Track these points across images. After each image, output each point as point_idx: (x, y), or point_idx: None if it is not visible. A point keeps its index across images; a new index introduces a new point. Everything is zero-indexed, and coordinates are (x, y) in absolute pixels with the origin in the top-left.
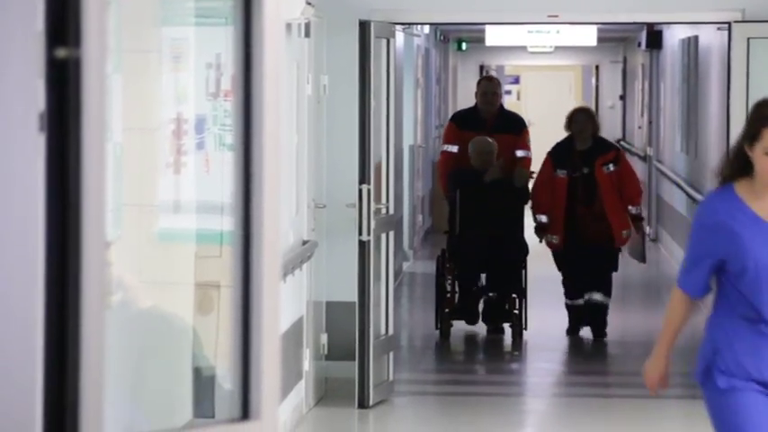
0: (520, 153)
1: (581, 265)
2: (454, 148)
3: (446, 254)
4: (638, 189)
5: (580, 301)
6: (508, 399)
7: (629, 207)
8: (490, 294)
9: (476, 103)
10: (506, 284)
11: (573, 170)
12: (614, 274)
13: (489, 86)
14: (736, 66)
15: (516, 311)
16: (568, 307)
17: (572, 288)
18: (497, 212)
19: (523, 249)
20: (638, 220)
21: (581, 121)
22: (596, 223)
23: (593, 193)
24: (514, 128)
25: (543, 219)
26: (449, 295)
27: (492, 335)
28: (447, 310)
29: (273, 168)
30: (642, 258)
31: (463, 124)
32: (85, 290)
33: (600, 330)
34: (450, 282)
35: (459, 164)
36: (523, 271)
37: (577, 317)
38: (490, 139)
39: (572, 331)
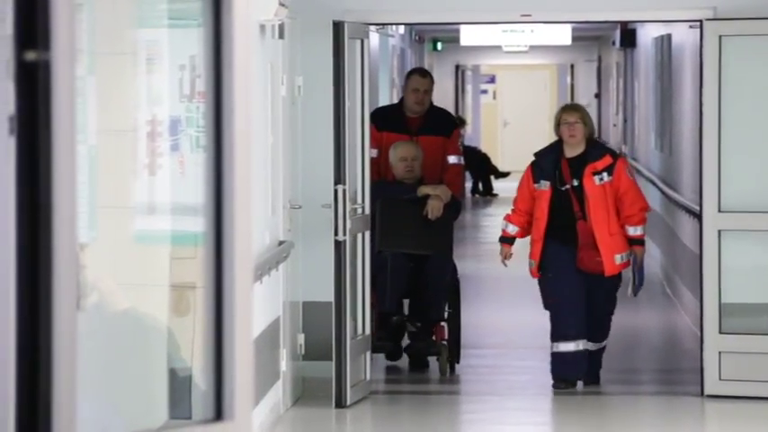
0: (452, 159)
1: (572, 299)
2: (373, 153)
3: None
4: (639, 205)
5: (570, 347)
6: (486, 397)
7: (628, 227)
8: (413, 325)
9: (401, 99)
10: (430, 313)
11: (561, 183)
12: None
13: (422, 83)
14: (708, 63)
15: (445, 341)
16: (554, 354)
17: (559, 329)
18: (421, 230)
19: (452, 272)
20: (636, 243)
21: (569, 122)
22: (589, 247)
23: (584, 210)
24: (444, 129)
25: (510, 229)
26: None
27: (414, 370)
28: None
29: (245, 169)
30: (633, 292)
31: (383, 124)
32: (57, 292)
33: (591, 375)
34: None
35: (380, 171)
36: (456, 296)
37: (564, 366)
38: (414, 144)
39: (558, 385)
